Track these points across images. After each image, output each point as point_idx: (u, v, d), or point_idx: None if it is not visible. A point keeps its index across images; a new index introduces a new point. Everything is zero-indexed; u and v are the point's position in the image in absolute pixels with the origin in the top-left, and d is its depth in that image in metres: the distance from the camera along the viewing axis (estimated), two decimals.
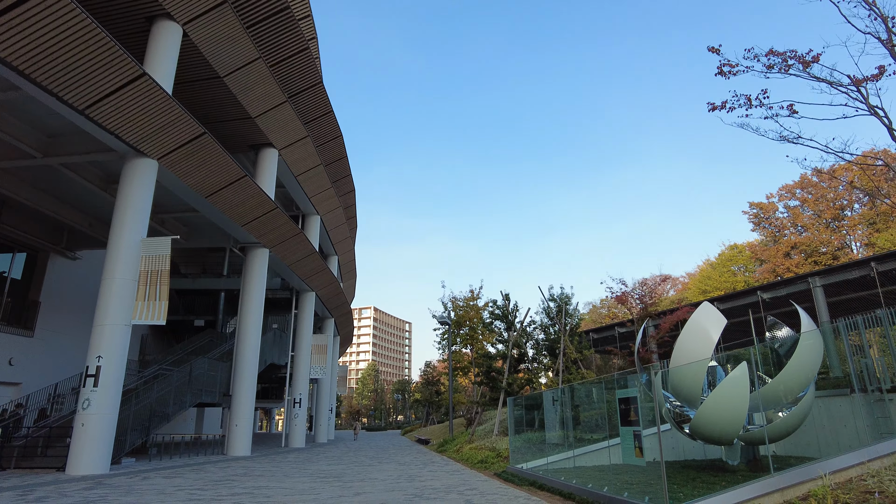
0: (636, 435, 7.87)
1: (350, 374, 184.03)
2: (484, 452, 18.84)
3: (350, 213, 44.52)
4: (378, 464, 18.40)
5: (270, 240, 25.24)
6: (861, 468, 7.50)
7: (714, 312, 11.16)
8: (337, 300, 39.02)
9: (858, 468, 7.50)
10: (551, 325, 25.31)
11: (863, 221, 52.30)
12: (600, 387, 15.17)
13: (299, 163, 29.19)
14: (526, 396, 18.84)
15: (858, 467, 7.50)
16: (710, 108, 9.98)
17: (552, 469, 13.60)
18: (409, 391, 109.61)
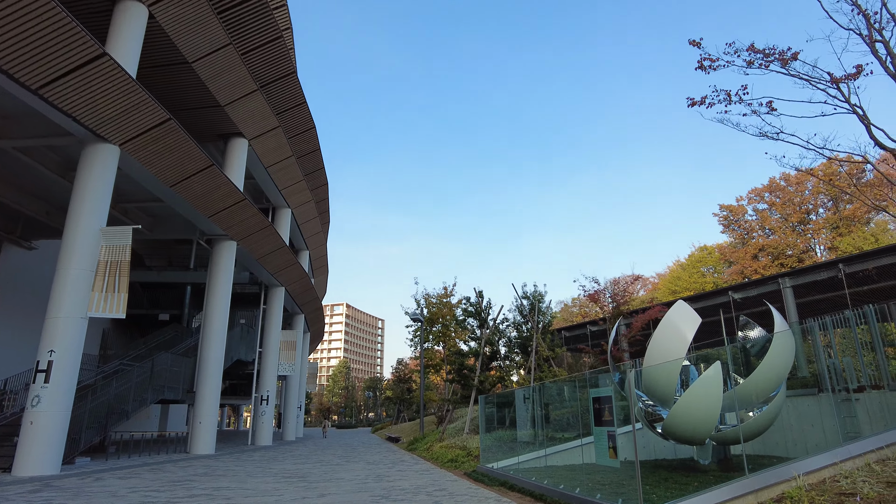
0: (610, 435, 7.66)
1: (321, 372, 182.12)
2: (454, 451, 18.57)
3: (323, 207, 43.75)
4: (346, 463, 17.98)
5: (238, 232, 24.53)
6: (834, 469, 7.42)
7: (688, 311, 11.06)
8: (307, 296, 38.33)
9: (831, 469, 7.41)
10: (524, 323, 25.19)
11: (827, 225, 53.62)
12: (572, 385, 15.03)
13: (270, 154, 28.48)
14: (497, 394, 18.63)
15: (831, 468, 7.42)
16: (690, 104, 9.85)
17: (523, 468, 13.38)
18: (380, 389, 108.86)
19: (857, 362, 13.03)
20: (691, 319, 10.87)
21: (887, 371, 12.40)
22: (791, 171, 8.02)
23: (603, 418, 7.90)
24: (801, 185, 56.45)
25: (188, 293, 37.04)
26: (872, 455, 7.70)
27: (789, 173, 58.70)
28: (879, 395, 12.22)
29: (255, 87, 24.07)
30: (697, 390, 10.45)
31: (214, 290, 24.43)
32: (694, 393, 10.43)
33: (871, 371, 12.73)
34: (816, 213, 55.94)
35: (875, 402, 12.28)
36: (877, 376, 12.55)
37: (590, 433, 15.70)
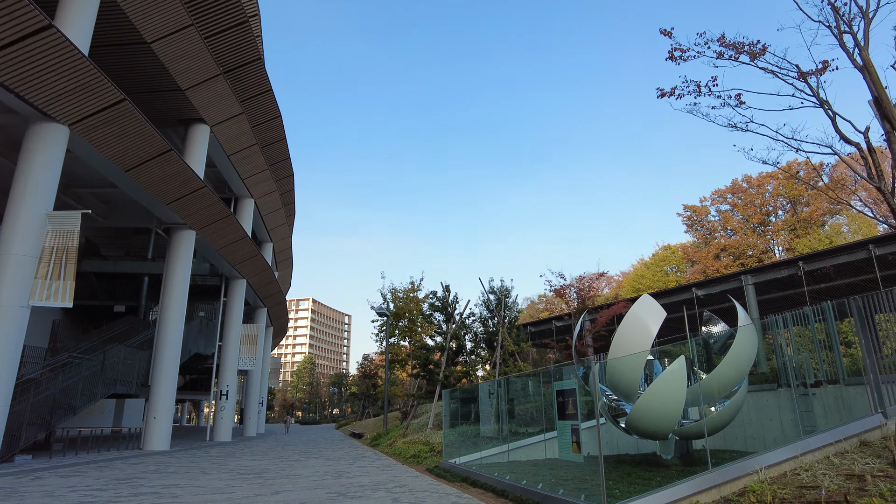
0: (574, 429, 7.49)
1: (285, 367, 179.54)
2: (417, 447, 18.30)
3: (288, 198, 42.84)
4: (305, 459, 17.53)
5: (197, 221, 23.71)
6: (794, 462, 7.40)
7: (653, 305, 11.01)
8: (270, 289, 37.49)
9: (792, 462, 7.40)
10: (490, 318, 25.06)
11: (785, 227, 55.19)
12: (537, 379, 14.91)
13: (233, 141, 27.64)
14: (462, 389, 18.43)
15: (792, 461, 7.41)
16: (660, 94, 9.74)
17: (486, 464, 13.20)
18: (345, 384, 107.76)
19: (815, 358, 13.24)
20: (656, 313, 10.81)
21: (843, 366, 12.62)
22: (758, 163, 8.03)
23: (567, 412, 7.73)
24: (762, 188, 57.98)
25: (146, 284, 35.74)
26: (831, 448, 7.72)
27: (751, 176, 60.31)
28: (835, 390, 12.43)
29: (219, 71, 23.27)
30: (661, 385, 10.40)
31: (172, 281, 23.59)
32: (658, 387, 10.38)
33: (828, 367, 12.94)
34: (776, 214, 57.54)
35: (831, 397, 12.49)
36: (833, 371, 12.76)
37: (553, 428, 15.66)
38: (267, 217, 37.72)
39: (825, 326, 13.82)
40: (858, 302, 8.66)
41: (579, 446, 7.35)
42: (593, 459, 9.09)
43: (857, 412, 11.69)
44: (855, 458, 7.18)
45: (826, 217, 54.67)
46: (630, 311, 11.17)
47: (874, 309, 8.88)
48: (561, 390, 8.05)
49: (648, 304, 11.10)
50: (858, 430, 8.03)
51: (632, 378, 10.78)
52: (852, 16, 7.11)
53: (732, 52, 8.78)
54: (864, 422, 8.17)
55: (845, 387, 12.20)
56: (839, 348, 12.79)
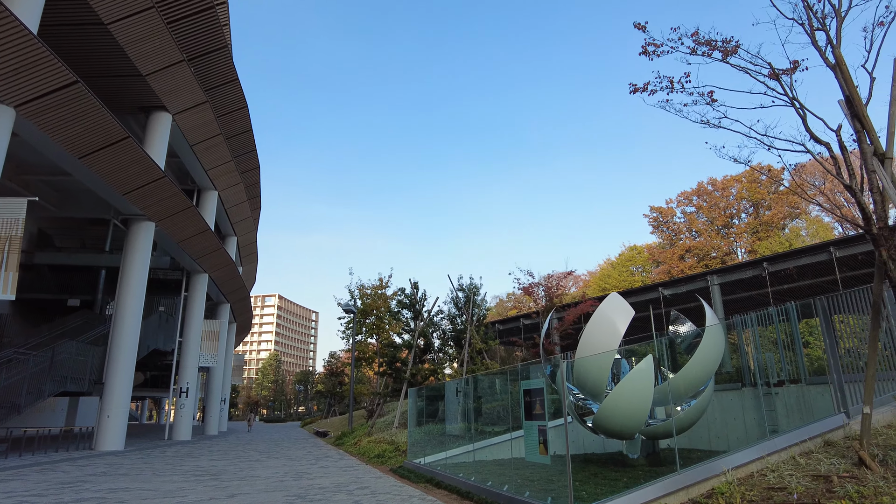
0: (541, 430, 7.28)
1: (250, 364, 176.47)
2: (382, 446, 17.96)
3: (253, 192, 41.83)
4: (266, 459, 17.01)
5: (157, 212, 22.85)
6: (761, 463, 7.35)
7: (622, 303, 10.91)
8: (233, 284, 36.56)
9: (758, 463, 7.34)
10: (459, 316, 24.83)
11: (748, 230, 56.52)
12: (504, 377, 14.74)
13: (196, 131, 26.75)
14: (428, 387, 18.17)
15: (758, 462, 7.35)
16: (632, 90, 9.62)
17: (451, 464, 12.95)
18: (311, 382, 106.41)
19: (778, 357, 13.39)
20: (624, 312, 10.72)
21: (805, 366, 12.78)
22: (729, 161, 8.10)
23: (534, 412, 7.52)
24: (726, 191, 59.27)
25: (103, 278, 34.41)
26: (796, 448, 7.70)
27: (716, 179, 61.58)
28: (797, 389, 12.57)
29: (182, 57, 22.42)
30: (629, 384, 10.31)
31: (129, 274, 22.68)
32: (625, 386, 10.28)
33: (790, 367, 13.09)
34: (739, 217, 58.86)
35: (793, 396, 12.63)
36: (795, 371, 12.91)
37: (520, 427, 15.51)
38: (231, 210, 36.76)
39: (787, 327, 14.02)
40: (824, 302, 8.69)
41: (546, 447, 7.14)
42: (560, 459, 8.92)
43: (818, 412, 11.84)
44: (820, 458, 7.16)
45: (786, 221, 56.23)
46: (598, 310, 11.05)
47: (838, 310, 8.92)
48: (528, 389, 7.84)
49: (617, 303, 11.00)
50: (822, 429, 8.04)
51: (599, 377, 10.66)
52: (825, 13, 7.07)
53: (706, 48, 8.71)
54: (828, 422, 8.18)
55: (807, 386, 12.35)
56: (802, 348, 12.96)
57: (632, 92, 9.73)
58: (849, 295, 9.02)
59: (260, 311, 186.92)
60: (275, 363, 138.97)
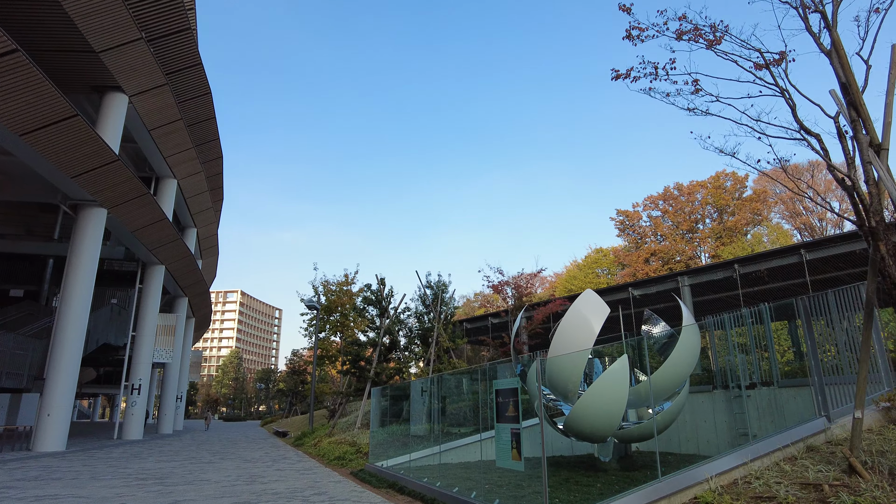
0: (514, 433, 6.72)
1: (211, 361, 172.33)
2: (343, 447, 17.21)
3: (215, 182, 40.38)
4: (219, 460, 16.08)
5: (109, 198, 21.56)
6: (744, 469, 6.96)
7: (597, 301, 10.47)
8: (191, 277, 35.14)
9: (742, 469, 6.95)
10: (426, 313, 24.21)
11: (712, 235, 57.50)
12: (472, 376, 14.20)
13: (154, 115, 25.46)
14: (392, 386, 17.49)
15: (741, 468, 6.96)
16: (614, 76, 9.18)
17: (416, 467, 12.34)
18: (273, 380, 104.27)
19: (751, 359, 13.20)
20: (599, 310, 10.28)
21: (777, 368, 12.60)
22: (714, 153, 7.72)
23: (506, 414, 6.96)
24: (692, 196, 60.20)
25: (50, 267, 32.63)
26: (779, 454, 7.35)
27: (682, 184, 62.48)
28: (769, 392, 12.38)
29: (139, 35, 21.19)
30: (603, 384, 9.87)
31: (77, 263, 21.33)
32: (600, 387, 9.84)
33: (763, 369, 12.91)
34: (703, 223, 59.87)
35: (764, 398, 12.43)
36: (767, 373, 12.73)
37: (488, 428, 14.98)
38: (191, 200, 35.34)
39: (759, 329, 13.86)
40: (805, 302, 8.39)
41: (520, 452, 6.59)
42: (530, 463, 8.40)
43: (791, 415, 11.66)
44: (806, 464, 6.80)
45: (749, 227, 57.43)
46: (573, 307, 10.59)
47: (821, 310, 8.65)
48: (500, 390, 7.27)
49: (591, 300, 10.56)
50: (804, 434, 7.72)
51: (572, 377, 10.20)
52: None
53: (691, 34, 8.32)
54: (809, 426, 7.87)
55: (779, 389, 12.17)
56: (775, 350, 12.79)
57: (614, 78, 9.29)
58: (839, 294, 8.76)
59: (221, 307, 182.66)
60: (236, 360, 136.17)
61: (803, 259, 16.94)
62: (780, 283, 19.08)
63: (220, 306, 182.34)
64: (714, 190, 58.94)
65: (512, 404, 6.81)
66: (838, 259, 17.06)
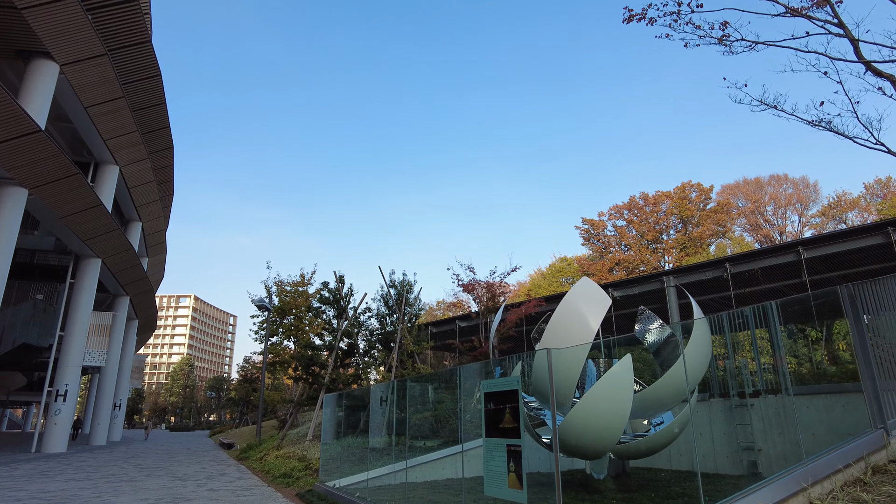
0: (513, 452, 4.99)
1: (161, 368, 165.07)
2: (291, 462, 15.15)
3: (165, 175, 37.54)
4: (144, 478, 13.79)
5: (30, 176, 19.00)
6: (803, 497, 5.40)
7: (595, 290, 8.88)
8: (133, 273, 32.26)
9: (801, 497, 5.39)
10: (388, 315, 22.32)
11: (676, 245, 57.34)
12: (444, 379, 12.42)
13: (91, 90, 22.93)
14: (347, 393, 15.47)
15: (801, 495, 5.40)
16: (627, 18, 7.67)
17: (375, 487, 10.46)
18: (226, 389, 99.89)
19: (755, 365, 11.84)
20: (598, 302, 8.69)
21: (787, 374, 11.26)
22: (747, 107, 6.60)
23: (500, 425, 5.22)
24: (657, 206, 60.08)
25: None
26: (840, 476, 5.83)
27: (648, 194, 62.36)
28: (777, 401, 11.02)
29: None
30: (604, 389, 8.25)
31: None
32: (600, 392, 8.21)
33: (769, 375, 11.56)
34: (668, 233, 59.76)
35: (771, 409, 11.07)
36: (774, 380, 11.38)
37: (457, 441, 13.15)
38: (135, 191, 32.55)
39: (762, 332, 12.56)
40: (851, 290, 6.96)
41: (521, 478, 4.86)
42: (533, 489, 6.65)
43: (811, 426, 10.31)
44: (883, 489, 5.28)
45: (713, 239, 57.58)
46: (566, 299, 8.96)
47: (875, 303, 7.22)
48: (493, 393, 5.52)
49: (588, 290, 8.95)
50: (863, 451, 6.23)
51: (568, 378, 8.54)
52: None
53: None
54: (867, 441, 6.39)
55: (789, 397, 10.82)
56: (784, 354, 11.47)
57: (626, 20, 7.77)
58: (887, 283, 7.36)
59: (173, 311, 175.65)
60: (187, 368, 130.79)
61: (801, 258, 15.85)
62: (775, 283, 17.98)
63: (172, 311, 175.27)
64: (679, 200, 58.99)
65: (509, 412, 5.08)
66: (841, 258, 15.94)
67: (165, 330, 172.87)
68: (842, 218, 53.87)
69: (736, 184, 64.50)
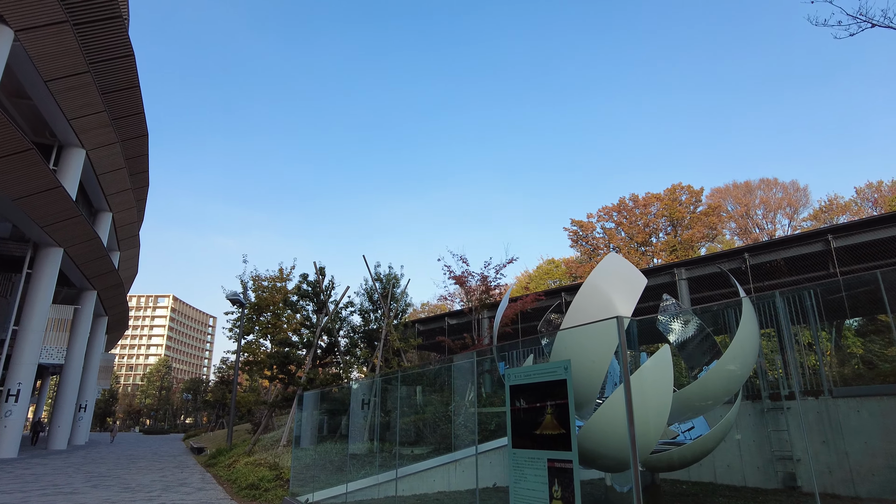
0: (559, 471, 3.45)
1: (137, 370, 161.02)
2: (261, 471, 13.44)
3: (139, 165, 35.46)
4: (90, 489, 12.02)
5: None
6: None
7: (626, 267, 7.40)
8: (99, 265, 30.23)
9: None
10: (373, 311, 20.69)
11: (666, 248, 56.41)
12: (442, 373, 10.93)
13: (51, 61, 21.07)
14: (325, 392, 13.78)
15: None
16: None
17: (355, 501, 8.86)
18: (203, 391, 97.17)
19: (789, 363, 10.46)
20: (631, 281, 7.20)
21: (826, 374, 9.87)
22: (835, 32, 5.68)
23: (539, 431, 3.68)
24: (647, 208, 59.17)
25: None
26: None
27: (638, 195, 61.48)
28: (817, 404, 9.63)
29: None
30: (637, 388, 6.74)
31: None
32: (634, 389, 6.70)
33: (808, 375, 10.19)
34: (657, 235, 58.85)
35: (812, 412, 9.67)
36: (813, 380, 10.00)
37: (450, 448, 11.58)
38: (104, 178, 30.55)
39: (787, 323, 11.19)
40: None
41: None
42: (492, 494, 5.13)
43: (858, 433, 8.93)
44: None
45: (703, 242, 56.79)
46: (589, 281, 7.45)
47: None
48: (521, 386, 3.97)
49: (617, 268, 7.47)
50: None
51: (590, 377, 7.02)
52: None
53: None
54: None
55: (833, 399, 9.43)
56: (822, 351, 10.11)
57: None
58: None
59: (151, 311, 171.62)
60: (164, 369, 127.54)
61: (830, 247, 14.52)
62: (800, 275, 16.63)
63: (149, 311, 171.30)
64: (669, 202, 58.17)
65: (552, 413, 3.55)
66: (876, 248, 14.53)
67: (143, 330, 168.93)
68: (833, 222, 53.35)
69: (726, 187, 63.92)
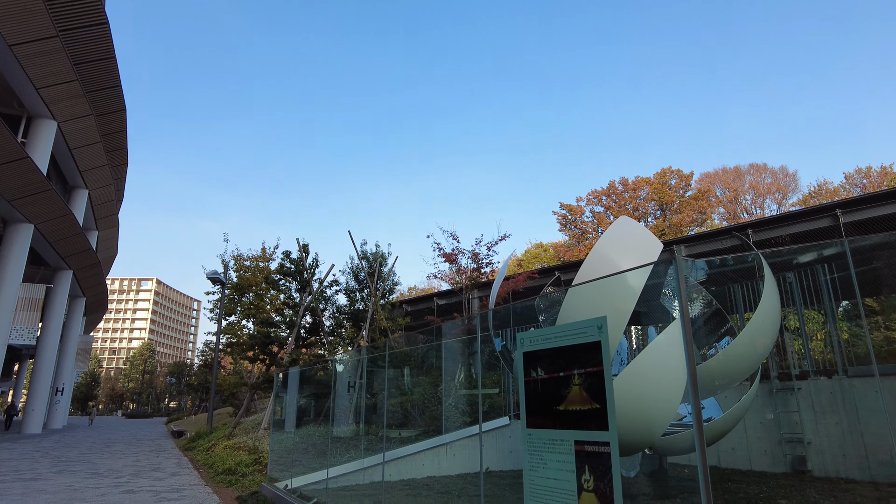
0: (591, 456, 2.73)
1: (121, 353, 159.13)
2: (240, 455, 12.74)
3: (116, 142, 34.08)
4: (54, 475, 11.23)
5: None
6: None
7: (639, 232, 6.71)
8: (74, 244, 29.07)
9: None
10: (359, 290, 19.92)
11: (655, 232, 56.13)
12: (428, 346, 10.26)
13: (13, 22, 19.88)
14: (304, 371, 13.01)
15: None
16: None
17: (338, 488, 8.17)
18: (187, 375, 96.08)
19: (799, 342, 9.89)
20: (644, 246, 6.51)
21: (843, 352, 9.31)
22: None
23: (562, 406, 2.94)
24: (636, 192, 58.77)
25: None
26: None
27: (627, 179, 61.08)
28: (831, 384, 9.08)
29: None
30: (648, 364, 6.09)
31: None
32: (642, 368, 6.04)
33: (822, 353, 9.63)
34: (647, 220, 58.52)
35: (825, 393, 9.13)
36: (827, 359, 9.45)
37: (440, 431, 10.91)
38: (79, 152, 29.29)
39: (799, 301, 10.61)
40: None
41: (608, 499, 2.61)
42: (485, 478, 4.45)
43: (875, 414, 8.39)
44: None
45: (692, 226, 56.58)
46: (597, 248, 6.75)
47: None
48: (541, 352, 3.21)
49: (629, 233, 6.76)
50: None
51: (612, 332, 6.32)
52: None
53: None
54: None
55: (848, 379, 8.88)
56: (838, 328, 9.55)
57: None
58: None
59: (134, 294, 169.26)
60: (147, 353, 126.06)
61: (839, 222, 13.98)
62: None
63: (132, 294, 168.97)
64: (659, 186, 57.82)
65: (581, 383, 2.81)
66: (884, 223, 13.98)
67: (126, 314, 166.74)
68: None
69: (715, 172, 63.70)
